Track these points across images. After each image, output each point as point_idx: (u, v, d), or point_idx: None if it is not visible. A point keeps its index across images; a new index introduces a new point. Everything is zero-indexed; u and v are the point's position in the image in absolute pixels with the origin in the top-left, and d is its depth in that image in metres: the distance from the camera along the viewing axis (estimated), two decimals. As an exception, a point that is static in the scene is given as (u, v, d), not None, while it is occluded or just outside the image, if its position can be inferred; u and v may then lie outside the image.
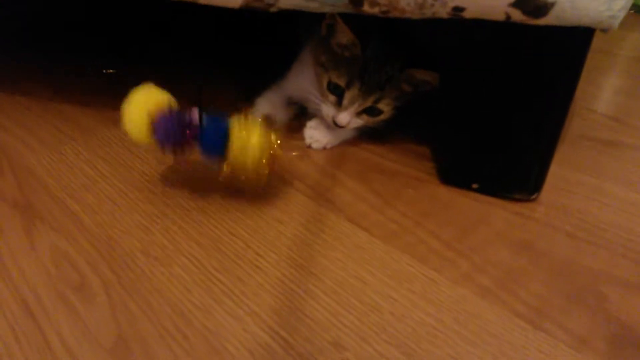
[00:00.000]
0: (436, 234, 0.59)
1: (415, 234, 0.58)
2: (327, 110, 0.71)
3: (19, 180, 0.64)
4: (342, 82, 0.67)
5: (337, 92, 0.68)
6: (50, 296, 0.49)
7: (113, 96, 0.86)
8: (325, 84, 0.69)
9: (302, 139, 0.74)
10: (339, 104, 0.69)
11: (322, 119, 0.73)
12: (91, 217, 0.58)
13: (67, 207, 0.60)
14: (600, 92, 0.97)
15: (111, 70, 0.97)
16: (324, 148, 0.73)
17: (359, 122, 0.71)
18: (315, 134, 0.72)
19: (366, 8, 0.53)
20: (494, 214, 0.62)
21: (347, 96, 0.68)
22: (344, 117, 0.68)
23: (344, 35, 0.65)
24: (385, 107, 0.69)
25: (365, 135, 0.75)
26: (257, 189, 0.62)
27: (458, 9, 0.51)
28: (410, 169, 0.70)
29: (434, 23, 0.54)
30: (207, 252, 0.54)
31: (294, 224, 0.59)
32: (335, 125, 0.70)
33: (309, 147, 0.73)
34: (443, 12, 0.52)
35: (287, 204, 0.62)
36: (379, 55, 0.66)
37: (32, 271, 0.52)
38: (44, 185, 0.63)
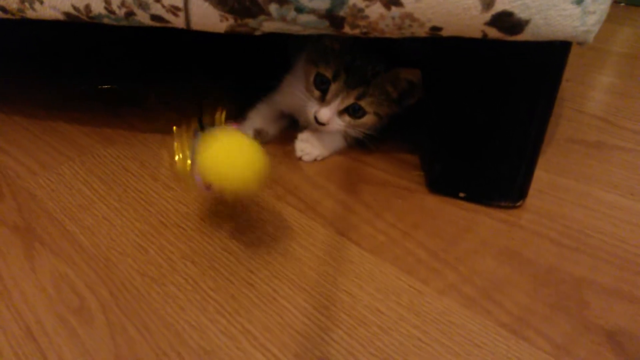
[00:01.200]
0: (424, 244, 0.60)
1: (404, 246, 0.60)
2: (311, 107, 0.72)
3: (19, 203, 0.66)
4: (329, 74, 0.69)
5: (323, 87, 0.70)
6: (50, 319, 0.51)
7: (108, 114, 0.89)
8: (312, 78, 0.71)
9: (294, 149, 0.76)
10: (322, 100, 0.70)
11: (311, 129, 0.75)
12: (89, 238, 0.60)
13: (66, 229, 0.62)
14: (590, 92, 0.98)
15: (107, 87, 0.99)
16: (315, 160, 0.74)
17: (339, 123, 0.71)
18: (306, 147, 0.74)
19: (347, 30, 0.54)
20: (481, 222, 0.64)
21: (332, 89, 0.69)
22: (325, 113, 0.69)
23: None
24: (368, 108, 0.70)
25: (356, 145, 0.77)
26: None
27: (435, 29, 0.52)
28: (399, 179, 0.72)
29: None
30: (201, 270, 0.56)
31: (285, 238, 0.61)
32: (317, 124, 0.71)
33: (300, 159, 0.74)
34: (421, 32, 0.53)
35: (279, 217, 0.64)
36: (368, 50, 0.68)
37: (33, 294, 0.54)
38: (43, 208, 0.65)
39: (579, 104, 0.92)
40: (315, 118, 0.70)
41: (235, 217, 0.64)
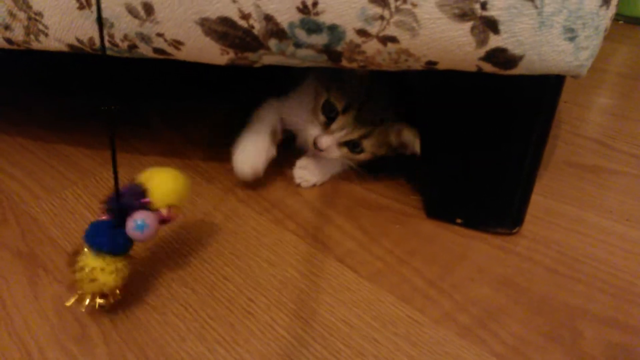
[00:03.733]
0: (420, 271, 0.61)
1: (401, 273, 0.61)
2: (312, 130, 0.72)
3: (22, 229, 0.67)
4: (339, 105, 0.69)
5: (330, 115, 0.70)
6: (52, 347, 0.52)
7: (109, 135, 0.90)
8: (321, 103, 0.70)
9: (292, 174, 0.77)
10: (326, 126, 0.71)
11: (308, 153, 0.75)
12: (91, 265, 0.61)
13: (69, 255, 0.63)
14: (587, 114, 0.99)
15: (108, 107, 1.00)
16: (314, 185, 0.75)
17: (336, 152, 0.72)
18: (304, 174, 0.75)
19: (345, 63, 0.55)
20: (477, 248, 0.64)
21: (339, 121, 0.69)
22: (325, 141, 0.69)
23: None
24: (368, 147, 0.71)
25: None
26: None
27: (431, 63, 0.53)
28: (397, 203, 0.73)
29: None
30: (201, 299, 0.57)
31: (284, 265, 0.62)
32: (314, 148, 0.71)
33: (299, 186, 0.75)
34: (417, 66, 0.54)
35: (278, 244, 0.65)
36: (384, 93, 0.68)
37: (35, 322, 0.54)
38: (46, 233, 0.66)
39: (576, 126, 0.93)
40: (315, 143, 0.71)
41: (235, 243, 0.65)
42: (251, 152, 0.72)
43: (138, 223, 0.51)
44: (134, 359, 0.50)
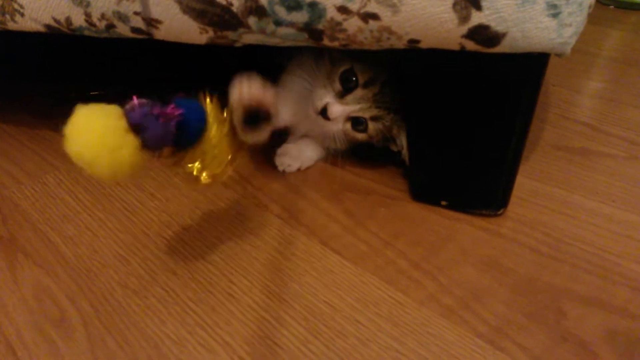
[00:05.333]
0: (405, 254, 0.61)
1: (385, 255, 0.60)
2: (323, 94, 0.66)
3: (4, 214, 0.66)
4: (362, 78, 0.64)
5: (347, 85, 0.65)
6: (31, 331, 0.51)
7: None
8: (342, 69, 0.65)
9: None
10: (340, 96, 0.66)
11: (292, 138, 0.74)
12: (72, 249, 0.61)
13: (49, 239, 0.62)
14: (576, 97, 0.99)
15: (97, 92, 0.99)
16: (299, 170, 0.74)
17: (339, 125, 0.68)
18: (285, 160, 0.74)
19: (326, 42, 0.54)
20: (462, 230, 0.64)
21: (358, 93, 0.65)
22: (337, 110, 0.65)
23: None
24: (372, 131, 0.68)
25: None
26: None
27: (413, 41, 0.52)
28: (383, 187, 0.72)
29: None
30: (182, 282, 0.56)
31: (268, 248, 0.61)
32: (317, 114, 0.66)
33: (283, 172, 0.74)
34: (399, 44, 0.53)
35: (261, 227, 0.64)
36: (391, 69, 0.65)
37: (14, 306, 0.54)
38: (27, 218, 0.65)
39: (565, 109, 0.93)
40: (323, 109, 0.65)
41: (218, 226, 0.64)
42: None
43: None
44: (113, 343, 0.50)
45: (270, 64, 0.75)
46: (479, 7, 0.48)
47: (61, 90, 0.97)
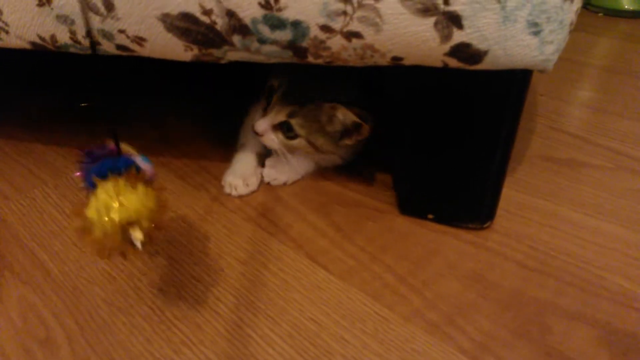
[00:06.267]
0: (392, 268, 0.61)
1: (372, 270, 0.61)
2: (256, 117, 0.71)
3: (-10, 230, 0.66)
4: (276, 82, 0.69)
5: (269, 98, 0.70)
6: (15, 350, 0.51)
7: (86, 133, 0.88)
8: (266, 88, 0.71)
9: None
10: (264, 110, 0.70)
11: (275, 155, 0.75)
12: (58, 266, 0.60)
13: (36, 256, 0.62)
14: (564, 107, 0.99)
15: (86, 104, 0.99)
16: (285, 184, 0.75)
17: (274, 139, 0.69)
18: (272, 173, 0.74)
19: (310, 59, 0.55)
20: (448, 244, 0.64)
21: (273, 100, 0.68)
22: (260, 124, 0.68)
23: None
24: (299, 130, 0.68)
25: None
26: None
27: (397, 58, 0.53)
28: (371, 200, 0.73)
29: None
30: (168, 299, 0.56)
31: (255, 263, 0.61)
32: (255, 134, 0.70)
33: (269, 184, 0.75)
34: (383, 62, 0.54)
35: (249, 242, 0.65)
36: (316, 73, 0.65)
37: None
38: (13, 234, 0.65)
39: (553, 119, 0.93)
40: (253, 128, 0.69)
41: (206, 242, 0.64)
42: (241, 169, 0.74)
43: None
44: (98, 362, 0.50)
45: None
46: (460, 26, 0.48)
47: (50, 102, 0.97)
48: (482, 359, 0.50)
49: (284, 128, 0.69)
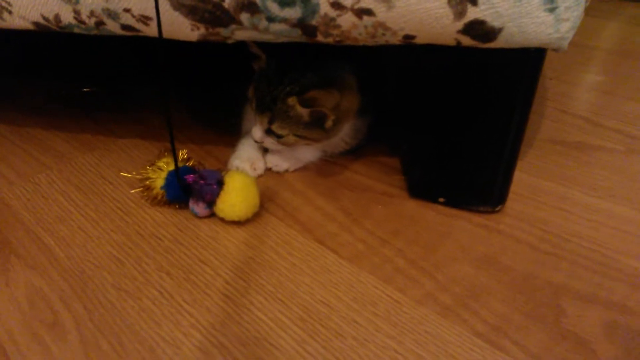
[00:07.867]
0: (402, 252, 0.60)
1: (382, 253, 0.60)
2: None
3: (-5, 215, 0.65)
4: (251, 93, 0.68)
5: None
6: (23, 334, 0.50)
7: (89, 119, 0.88)
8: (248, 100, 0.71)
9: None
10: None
11: None
12: (65, 250, 0.60)
13: (42, 241, 0.61)
14: (574, 90, 0.98)
15: (89, 89, 0.98)
16: (286, 171, 0.74)
17: (272, 142, 0.69)
18: (274, 159, 0.73)
19: (320, 38, 0.53)
20: (460, 227, 0.63)
21: (254, 112, 0.69)
22: (255, 134, 0.69)
23: (252, 46, 0.66)
24: (283, 132, 0.66)
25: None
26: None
27: (409, 37, 0.52)
28: (380, 184, 0.72)
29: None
30: (177, 283, 0.56)
31: (264, 247, 0.61)
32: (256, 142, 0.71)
33: (270, 170, 0.74)
34: (394, 40, 0.52)
35: (257, 226, 0.64)
36: (275, 74, 0.65)
37: (7, 308, 0.53)
38: (19, 219, 0.65)
39: (562, 103, 0.92)
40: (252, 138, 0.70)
41: (212, 225, 0.63)
42: (247, 153, 0.73)
43: (192, 208, 0.64)
44: (107, 346, 0.49)
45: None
46: (474, 3, 0.47)
47: (53, 88, 0.96)
48: (496, 342, 0.49)
49: (271, 133, 0.68)
